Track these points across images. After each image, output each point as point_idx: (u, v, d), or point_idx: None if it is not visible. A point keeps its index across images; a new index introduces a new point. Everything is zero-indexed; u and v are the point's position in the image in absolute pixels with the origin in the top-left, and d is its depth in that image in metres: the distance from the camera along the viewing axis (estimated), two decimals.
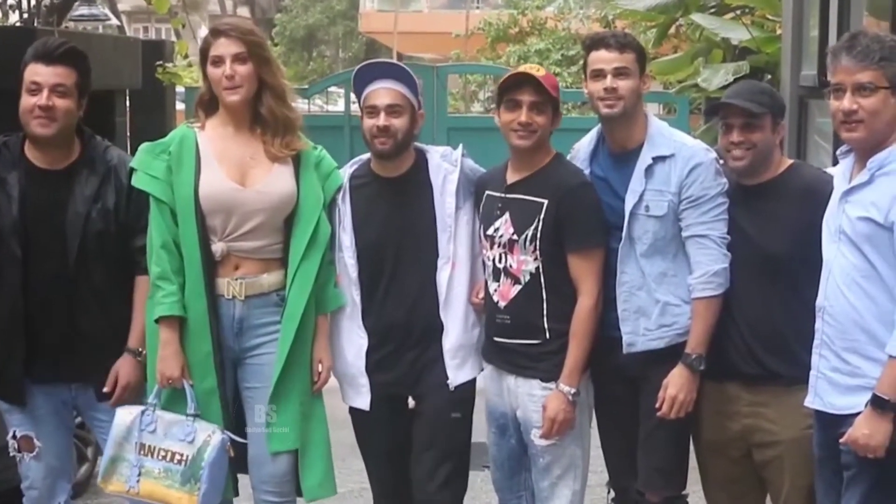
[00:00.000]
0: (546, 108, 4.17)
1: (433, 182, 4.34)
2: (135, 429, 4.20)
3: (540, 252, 4.15)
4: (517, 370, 4.25)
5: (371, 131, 4.26)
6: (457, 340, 4.31)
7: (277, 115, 4.25)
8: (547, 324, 4.19)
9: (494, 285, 4.26)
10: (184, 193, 4.21)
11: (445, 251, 4.30)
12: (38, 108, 4.15)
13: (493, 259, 4.25)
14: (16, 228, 4.20)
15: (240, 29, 4.25)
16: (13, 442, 4.40)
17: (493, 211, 4.27)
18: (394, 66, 4.40)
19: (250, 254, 4.26)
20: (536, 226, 4.15)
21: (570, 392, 4.16)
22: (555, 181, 4.18)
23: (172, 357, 4.21)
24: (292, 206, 4.26)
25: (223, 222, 4.23)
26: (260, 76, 4.23)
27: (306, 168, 4.31)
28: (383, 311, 4.32)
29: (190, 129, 4.33)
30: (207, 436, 4.19)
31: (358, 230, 4.32)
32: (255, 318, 4.27)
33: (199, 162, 4.25)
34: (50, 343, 4.26)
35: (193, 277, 4.20)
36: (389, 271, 4.31)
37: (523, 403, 4.25)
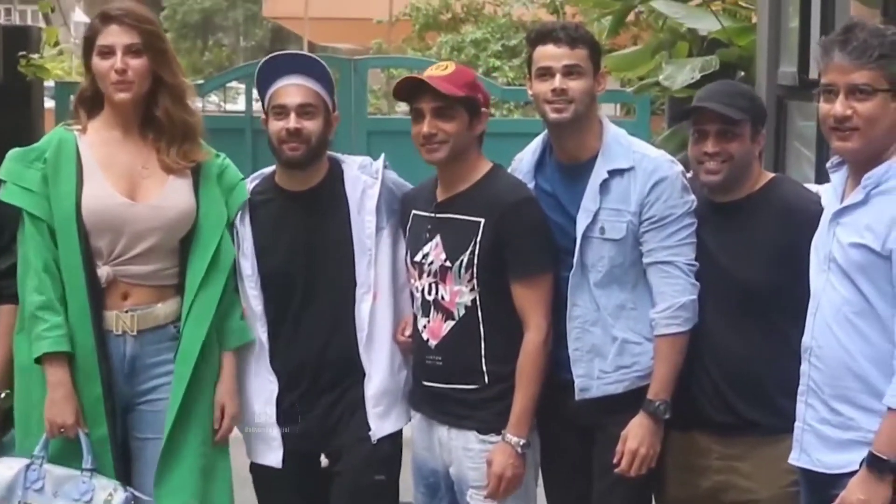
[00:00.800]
0: (455, 112, 4.16)
1: (349, 197, 4.33)
2: (17, 487, 4.12)
3: (477, 281, 4.15)
4: (451, 420, 4.24)
5: (279, 135, 4.24)
6: (380, 385, 4.29)
7: (175, 120, 4.23)
8: (486, 366, 4.18)
9: (423, 321, 4.25)
10: (63, 209, 4.15)
11: (365, 279, 4.28)
12: None
13: (421, 290, 4.25)
14: None
15: (135, 16, 4.21)
16: None
17: (421, 234, 4.26)
18: (305, 59, 4.40)
19: (142, 280, 4.22)
20: (472, 249, 4.15)
21: (519, 443, 4.14)
22: (492, 197, 4.18)
23: (64, 401, 4.13)
24: (191, 223, 4.24)
25: (110, 243, 4.18)
26: (156, 73, 4.21)
27: (207, 179, 4.29)
28: (292, 349, 4.29)
29: (68, 133, 4.28)
30: (108, 494, 4.12)
31: (261, 256, 4.30)
32: (148, 357, 4.23)
33: (81, 171, 4.20)
34: None
35: (78, 308, 4.15)
36: (298, 302, 4.29)
37: (458, 459, 4.23)
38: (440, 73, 4.17)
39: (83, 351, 4.16)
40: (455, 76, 4.17)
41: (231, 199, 4.33)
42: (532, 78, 4.23)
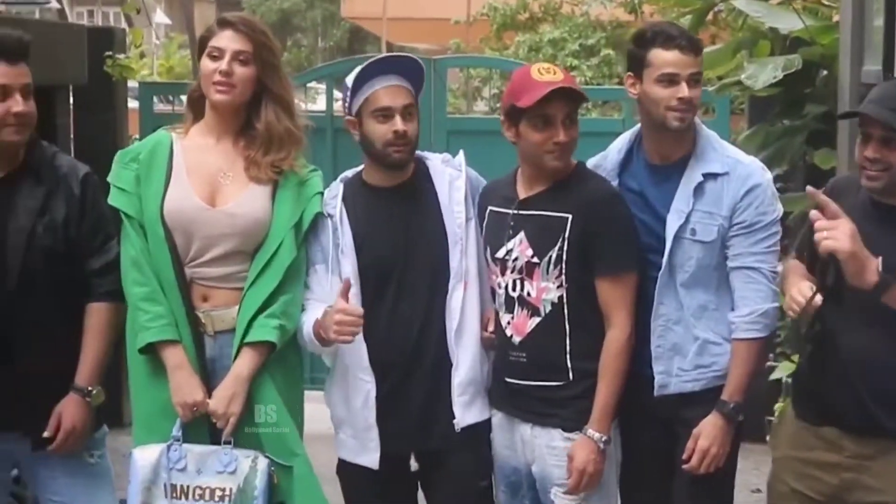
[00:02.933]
0: (576, 116, 4.18)
1: (438, 189, 4.36)
2: (161, 469, 4.19)
3: (565, 277, 4.16)
4: (534, 418, 4.25)
5: (385, 138, 4.25)
6: (467, 374, 4.30)
7: (275, 131, 4.28)
8: (570, 362, 4.19)
9: (507, 317, 4.26)
10: (150, 208, 4.25)
11: (458, 269, 4.29)
12: (13, 115, 4.19)
13: (505, 286, 4.26)
14: None
15: (250, 25, 4.31)
16: None
17: (502, 230, 4.27)
18: (401, 60, 4.39)
19: (217, 283, 4.29)
20: (561, 245, 4.16)
21: (602, 439, 4.16)
22: (580, 193, 4.20)
23: (188, 381, 4.21)
24: (265, 231, 4.28)
25: (185, 245, 4.26)
26: (262, 83, 4.27)
27: (284, 188, 4.32)
28: (386, 343, 4.29)
29: (167, 135, 4.38)
30: (251, 461, 4.18)
31: (360, 252, 4.31)
32: (226, 359, 4.27)
33: (170, 173, 4.28)
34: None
35: (173, 303, 4.23)
36: (394, 295, 4.31)
37: (541, 457, 4.24)
38: (561, 78, 4.15)
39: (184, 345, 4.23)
40: (571, 79, 4.21)
41: (308, 208, 4.35)
42: (645, 79, 4.21)
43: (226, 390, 4.22)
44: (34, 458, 4.38)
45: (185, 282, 4.25)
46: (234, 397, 4.21)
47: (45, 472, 4.43)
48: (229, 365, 4.25)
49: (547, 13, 19.08)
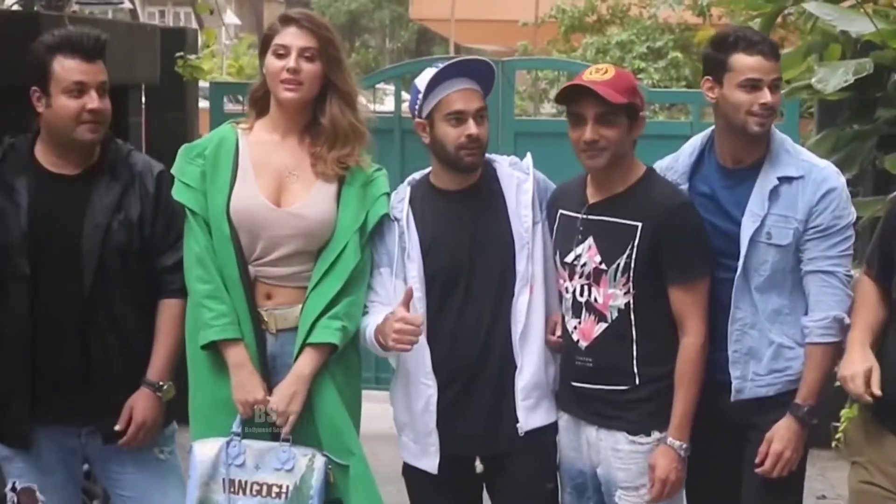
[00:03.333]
0: (617, 118, 4.15)
1: (505, 193, 4.34)
2: (220, 464, 4.22)
3: (633, 285, 4.15)
4: (599, 420, 4.25)
5: (457, 142, 4.24)
6: (531, 378, 4.29)
7: (340, 126, 4.28)
8: (637, 368, 4.19)
9: (574, 322, 4.25)
10: (216, 205, 4.26)
11: (524, 272, 4.28)
12: (88, 111, 4.23)
13: (572, 291, 4.25)
14: (24, 242, 4.26)
15: (315, 21, 4.31)
16: (12, 495, 4.45)
17: (571, 235, 4.26)
18: (474, 63, 4.37)
19: (280, 281, 4.30)
20: (629, 253, 4.14)
21: (682, 447, 4.16)
22: (650, 200, 4.19)
23: (250, 379, 4.23)
24: (330, 232, 4.28)
25: (250, 244, 4.27)
26: (328, 78, 4.27)
27: (350, 186, 4.32)
28: (452, 347, 4.29)
29: (232, 131, 4.38)
30: (309, 459, 4.21)
31: (427, 256, 4.30)
32: (287, 356, 4.29)
33: (236, 170, 4.29)
34: (59, 378, 4.31)
35: (236, 301, 4.24)
36: (461, 299, 4.30)
37: (606, 459, 4.24)
38: (602, 78, 4.14)
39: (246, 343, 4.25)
40: (616, 81, 4.14)
41: (373, 209, 4.34)
42: (725, 83, 4.19)
43: (287, 388, 4.23)
44: (105, 452, 4.43)
45: (248, 280, 4.26)
46: (294, 396, 4.22)
47: (115, 468, 4.47)
48: (290, 363, 4.26)
49: (615, 15, 19.01)
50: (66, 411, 4.34)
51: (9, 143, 4.40)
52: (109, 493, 4.66)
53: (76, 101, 4.23)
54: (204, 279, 4.26)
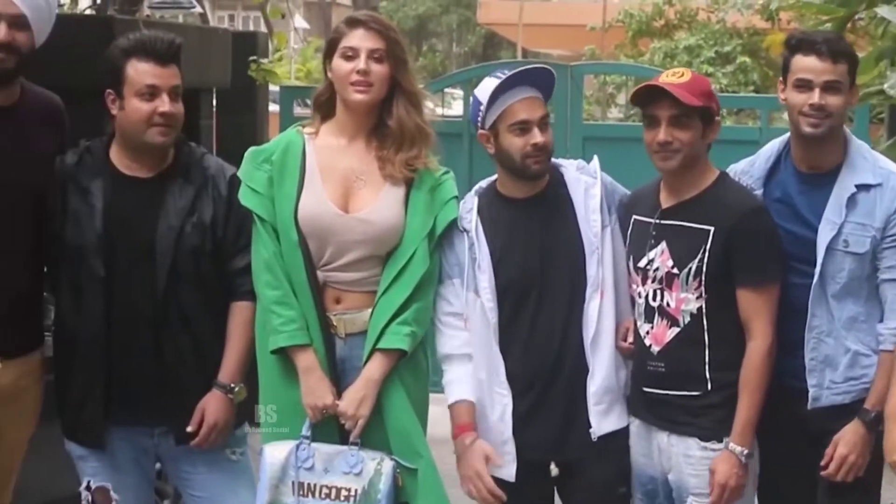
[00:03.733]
0: (691, 121, 4.14)
1: (574, 198, 4.32)
2: (290, 467, 4.23)
3: (705, 289, 4.12)
4: (671, 426, 4.22)
5: (523, 151, 4.22)
6: (603, 383, 4.27)
7: (406, 127, 4.26)
8: (709, 373, 4.16)
9: (646, 327, 4.23)
10: (284, 211, 4.26)
11: (595, 278, 4.26)
12: (159, 115, 4.26)
13: (645, 296, 4.23)
14: (99, 244, 4.29)
15: (381, 23, 4.31)
16: (87, 494, 4.48)
17: (644, 239, 4.25)
18: (534, 70, 4.35)
19: (349, 286, 4.30)
20: (701, 258, 4.12)
21: (743, 453, 4.12)
22: (723, 205, 4.16)
23: (319, 384, 4.24)
24: (398, 237, 4.28)
25: (318, 250, 4.28)
26: (394, 80, 4.27)
27: (418, 190, 4.31)
28: (526, 356, 4.27)
29: (298, 136, 4.37)
30: (377, 464, 4.21)
31: (498, 266, 4.29)
32: (357, 360, 4.29)
33: (304, 176, 4.29)
34: (132, 379, 4.34)
35: (304, 306, 4.25)
36: (533, 308, 4.28)
37: (677, 466, 4.22)
38: (678, 81, 4.14)
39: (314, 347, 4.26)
40: (692, 84, 4.13)
41: (441, 214, 4.33)
42: (788, 85, 4.20)
43: (356, 392, 4.24)
44: (177, 452, 4.45)
45: (317, 285, 4.27)
46: (363, 400, 4.23)
47: (187, 468, 4.50)
48: (359, 366, 4.27)
49: (683, 20, 18.94)
50: (139, 412, 4.37)
51: (84, 146, 4.44)
52: (181, 492, 4.69)
53: (148, 104, 4.26)
54: (272, 285, 4.27)
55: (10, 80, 4.37)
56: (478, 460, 4.22)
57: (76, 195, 4.34)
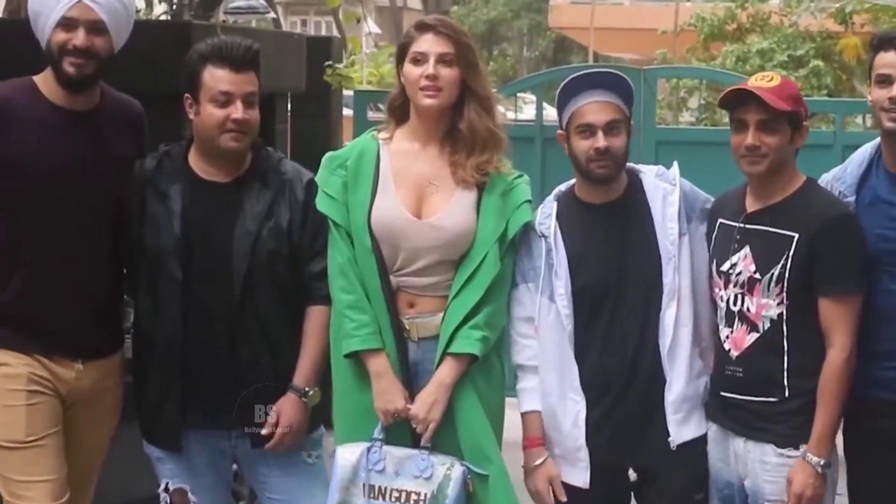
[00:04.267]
0: (779, 125, 4.10)
1: (651, 205, 4.28)
2: (361, 469, 4.23)
3: (786, 295, 4.07)
4: (747, 432, 4.17)
5: (587, 154, 4.21)
6: (681, 391, 4.23)
7: (478, 131, 4.25)
8: (787, 380, 4.10)
9: (727, 331, 4.19)
10: (358, 217, 4.27)
11: (671, 286, 4.22)
12: (232, 121, 4.28)
13: (726, 300, 4.19)
14: (177, 248, 4.31)
15: (451, 27, 4.30)
16: (165, 495, 4.52)
17: (728, 243, 4.20)
18: (608, 74, 4.33)
19: (422, 291, 4.30)
20: (784, 264, 4.07)
21: (820, 463, 4.06)
22: (809, 211, 4.11)
23: (391, 388, 4.24)
24: (469, 242, 4.26)
25: (391, 255, 4.28)
26: (465, 84, 4.26)
27: (490, 194, 4.30)
28: (602, 363, 4.24)
29: (373, 141, 4.37)
30: (447, 469, 4.20)
31: (574, 272, 4.26)
32: (429, 363, 4.29)
33: (377, 181, 4.29)
34: (209, 382, 4.36)
35: (377, 310, 4.25)
36: (608, 315, 4.25)
37: (753, 472, 4.16)
38: (767, 85, 4.09)
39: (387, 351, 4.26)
40: (781, 89, 4.09)
41: (513, 218, 4.31)
42: (871, 84, 4.17)
43: (428, 396, 4.24)
44: (253, 455, 4.46)
45: (390, 290, 4.27)
46: (435, 403, 4.23)
47: (262, 470, 4.51)
48: (432, 369, 4.26)
49: (755, 24, 18.76)
50: (214, 415, 4.39)
51: (164, 151, 4.47)
52: (258, 494, 4.70)
53: (221, 110, 4.28)
54: (346, 290, 4.28)
55: (90, 85, 4.40)
56: (542, 482, 4.26)
57: (155, 199, 4.37)
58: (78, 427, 4.46)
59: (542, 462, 4.26)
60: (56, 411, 4.37)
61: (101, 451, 4.64)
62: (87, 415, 4.48)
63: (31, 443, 4.30)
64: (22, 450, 4.30)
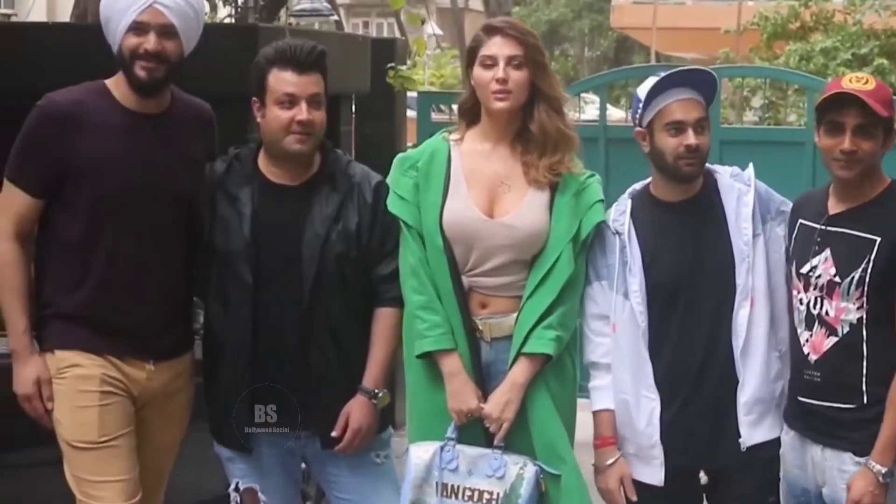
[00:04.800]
0: (875, 130, 4.03)
1: (725, 205, 4.25)
2: (434, 468, 4.24)
3: (866, 300, 3.99)
4: (825, 439, 4.09)
5: (675, 152, 4.17)
6: (754, 393, 4.19)
7: (549, 131, 4.24)
8: (866, 386, 4.02)
9: (806, 335, 4.12)
10: (429, 218, 4.27)
11: (745, 286, 4.19)
12: (297, 122, 4.29)
13: (806, 303, 4.12)
14: (248, 251, 4.32)
15: (518, 28, 4.29)
16: (235, 495, 4.53)
17: (809, 245, 4.14)
18: (697, 72, 4.30)
19: (496, 291, 4.28)
20: (865, 268, 3.99)
21: (881, 472, 3.97)
22: (891, 214, 4.03)
23: (464, 387, 4.25)
24: (542, 242, 4.25)
25: (463, 255, 4.27)
26: (535, 85, 4.25)
27: (563, 194, 4.28)
28: (674, 361, 4.22)
29: (444, 142, 4.37)
30: (520, 468, 4.20)
31: (648, 269, 4.24)
32: (501, 364, 4.27)
33: (448, 182, 4.29)
34: (278, 383, 4.36)
35: (449, 311, 4.25)
36: (681, 312, 4.22)
37: (832, 480, 4.09)
38: (865, 88, 4.02)
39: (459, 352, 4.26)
40: (877, 92, 4.02)
41: (586, 218, 4.28)
42: None
43: (501, 396, 4.22)
44: (323, 455, 4.47)
45: (462, 290, 4.26)
46: (508, 403, 4.21)
47: (331, 470, 4.52)
48: (505, 370, 4.25)
49: (818, 22, 18.62)
50: (284, 416, 4.40)
51: (234, 154, 4.48)
52: (326, 493, 4.71)
53: (286, 112, 4.29)
54: (418, 290, 4.28)
55: (161, 88, 4.42)
56: (614, 481, 4.24)
57: (225, 203, 4.39)
58: (149, 427, 4.48)
59: (614, 461, 4.24)
60: (128, 412, 4.39)
61: (173, 451, 4.65)
62: (158, 415, 4.50)
63: (104, 443, 4.32)
64: (95, 450, 4.32)
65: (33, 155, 4.36)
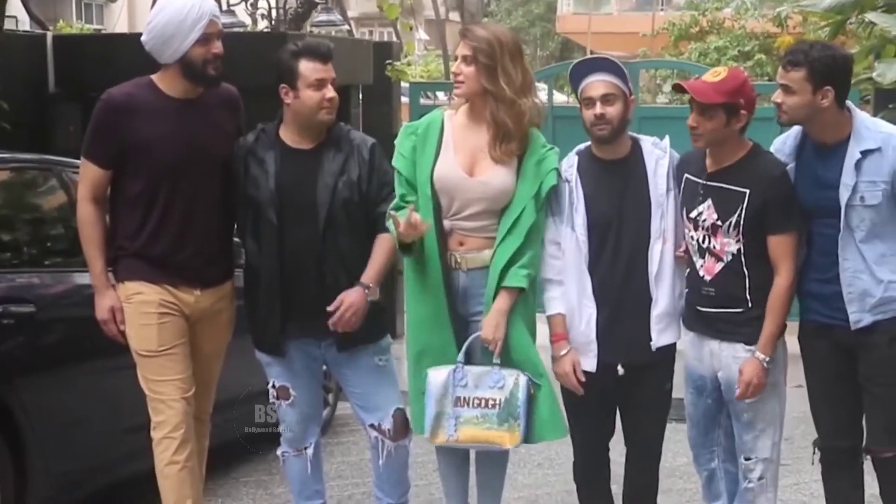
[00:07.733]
0: (714, 112, 3.97)
1: (647, 165, 4.19)
2: (449, 385, 4.17)
3: (742, 236, 4.00)
4: (721, 335, 4.11)
5: (589, 120, 4.11)
6: (663, 308, 4.15)
7: (498, 123, 4.12)
8: (749, 294, 4.05)
9: (700, 262, 4.11)
10: (423, 172, 4.20)
11: (658, 227, 4.14)
12: (328, 100, 4.27)
13: (696, 239, 4.10)
14: (272, 200, 4.28)
15: (473, 34, 4.14)
16: (272, 391, 4.50)
17: (694, 196, 4.11)
18: (604, 60, 4.21)
19: (470, 232, 4.20)
20: (739, 213, 3.99)
21: (765, 360, 4.03)
22: (755, 171, 4.02)
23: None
24: (510, 197, 4.16)
25: (448, 203, 4.19)
26: (482, 82, 4.11)
27: (528, 161, 4.17)
28: (605, 277, 4.16)
29: (440, 114, 4.30)
30: (515, 379, 4.15)
31: (589, 209, 4.17)
32: (476, 288, 4.20)
33: (440, 146, 4.22)
34: (302, 302, 4.31)
35: (430, 246, 4.17)
36: (612, 242, 4.15)
37: (727, 365, 4.11)
38: (712, 80, 3.99)
39: (433, 275, 4.18)
40: (721, 84, 3.96)
41: (545, 181, 4.16)
42: None
43: (491, 320, 4.13)
44: (339, 358, 4.43)
45: (442, 229, 4.19)
46: (497, 325, 4.13)
47: (346, 371, 4.48)
48: (479, 293, 4.18)
49: (713, 27, 18.74)
50: (307, 329, 4.36)
51: (261, 128, 4.42)
52: (342, 387, 4.68)
53: (318, 92, 4.26)
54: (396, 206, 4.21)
55: (218, 84, 4.40)
56: (568, 365, 4.17)
57: (255, 164, 4.34)
58: (200, 339, 4.44)
59: (567, 352, 4.19)
60: (182, 327, 4.35)
61: (219, 358, 4.60)
62: (206, 330, 4.45)
63: (163, 351, 4.29)
64: (156, 357, 4.29)
65: (100, 137, 4.32)
